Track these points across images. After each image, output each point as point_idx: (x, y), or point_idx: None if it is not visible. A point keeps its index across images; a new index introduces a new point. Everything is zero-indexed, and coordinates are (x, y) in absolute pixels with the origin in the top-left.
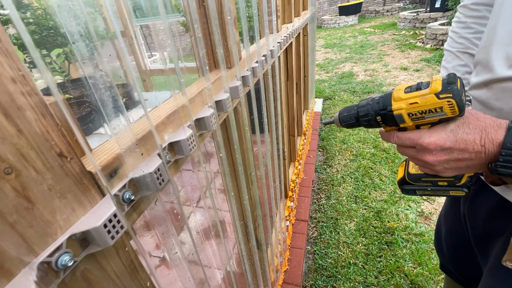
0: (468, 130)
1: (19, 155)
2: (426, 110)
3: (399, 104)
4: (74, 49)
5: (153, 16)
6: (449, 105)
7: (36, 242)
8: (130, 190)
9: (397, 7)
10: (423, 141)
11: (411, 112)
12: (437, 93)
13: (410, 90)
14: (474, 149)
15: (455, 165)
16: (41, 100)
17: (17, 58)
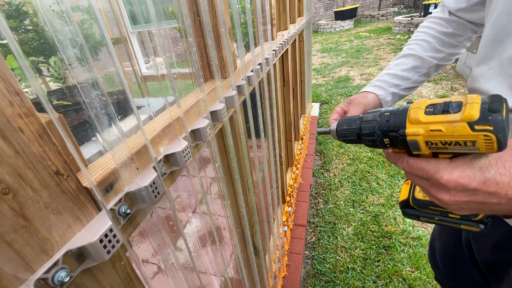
0: (503, 170)
1: (17, 175)
2: (452, 142)
3: (416, 128)
4: (64, 56)
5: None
6: (485, 140)
7: (33, 259)
8: (126, 204)
9: (392, 12)
10: (441, 177)
11: (430, 141)
12: (472, 122)
13: (434, 111)
14: (508, 195)
15: (475, 207)
16: (37, 120)
17: (14, 81)
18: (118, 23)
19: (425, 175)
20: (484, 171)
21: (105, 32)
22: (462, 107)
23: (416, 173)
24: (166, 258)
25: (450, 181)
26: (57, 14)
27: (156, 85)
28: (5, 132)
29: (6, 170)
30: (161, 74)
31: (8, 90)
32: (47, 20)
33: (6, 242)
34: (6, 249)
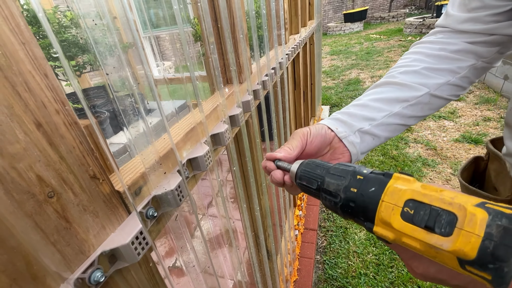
0: None
1: (60, 180)
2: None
3: (385, 232)
4: (99, 57)
5: (164, 27)
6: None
7: (72, 259)
8: (153, 207)
9: (403, 13)
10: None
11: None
12: (463, 259)
13: (413, 217)
14: None
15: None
16: (79, 128)
17: (60, 91)
18: (131, 28)
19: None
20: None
21: (134, 34)
22: (454, 230)
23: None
24: (187, 260)
25: (426, 274)
26: (96, 26)
27: (170, 87)
28: (52, 138)
29: (52, 174)
30: (173, 78)
31: (55, 99)
32: (89, 33)
33: (51, 242)
34: (51, 248)
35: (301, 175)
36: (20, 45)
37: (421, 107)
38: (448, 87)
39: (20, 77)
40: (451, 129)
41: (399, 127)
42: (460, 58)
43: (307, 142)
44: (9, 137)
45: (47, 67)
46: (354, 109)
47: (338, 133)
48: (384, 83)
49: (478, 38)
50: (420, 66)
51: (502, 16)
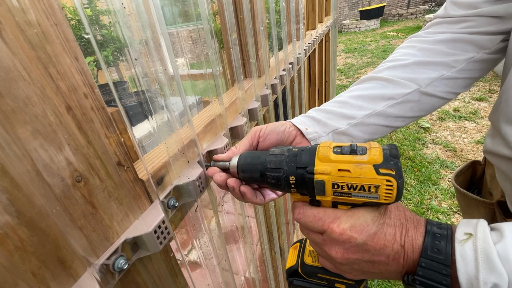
0: (389, 221)
1: (88, 164)
2: (357, 186)
3: (325, 166)
4: (127, 38)
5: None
6: (387, 187)
7: (98, 245)
8: (174, 197)
9: (422, 10)
10: (337, 226)
11: (337, 183)
12: (377, 165)
13: (341, 151)
14: (394, 249)
15: (366, 269)
16: (106, 114)
17: (90, 75)
18: (150, 25)
19: (320, 226)
20: (375, 221)
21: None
22: (367, 151)
23: (311, 225)
24: (206, 252)
25: (343, 233)
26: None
27: (185, 83)
28: (81, 123)
29: (80, 158)
30: (188, 74)
31: (84, 83)
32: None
33: (78, 227)
34: (78, 233)
35: (242, 169)
36: (53, 26)
37: (410, 106)
38: (442, 82)
39: (53, 58)
40: (472, 130)
41: (382, 128)
42: (455, 51)
43: (258, 139)
44: (41, 119)
45: (78, 49)
46: (333, 106)
47: (307, 134)
48: (368, 79)
49: (478, 26)
50: (410, 60)
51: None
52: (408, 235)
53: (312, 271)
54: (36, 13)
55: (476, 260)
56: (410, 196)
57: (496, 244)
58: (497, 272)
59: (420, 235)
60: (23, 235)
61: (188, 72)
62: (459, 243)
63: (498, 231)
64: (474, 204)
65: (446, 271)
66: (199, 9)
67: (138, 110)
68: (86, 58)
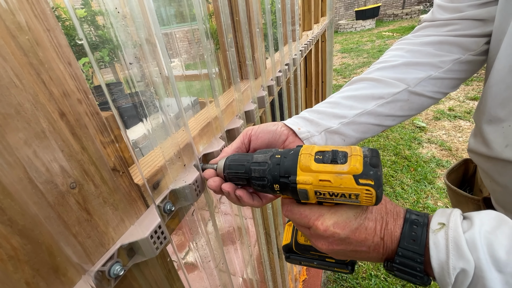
0: (370, 215)
1: (82, 171)
2: (339, 193)
3: (306, 176)
4: (122, 47)
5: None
6: (366, 195)
7: (93, 251)
8: (170, 201)
9: (417, 10)
10: (320, 224)
11: (319, 191)
12: (356, 175)
13: (323, 159)
14: (374, 241)
15: (350, 255)
16: (101, 119)
17: (83, 81)
18: (145, 28)
19: (306, 223)
20: (356, 217)
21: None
22: (348, 158)
23: (298, 221)
24: (203, 255)
25: (327, 230)
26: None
27: (181, 84)
28: (75, 128)
29: (74, 164)
30: (184, 75)
31: (77, 88)
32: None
33: (72, 234)
34: (72, 240)
35: (228, 174)
36: (45, 31)
37: (400, 105)
38: (429, 82)
39: (45, 64)
40: (467, 129)
41: (373, 127)
42: (442, 53)
43: (250, 139)
44: (34, 126)
45: (71, 55)
46: (324, 107)
47: (300, 134)
48: (359, 80)
49: (463, 29)
50: (399, 61)
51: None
52: (388, 228)
53: (305, 248)
54: (28, 18)
55: (447, 248)
56: (407, 195)
57: (465, 233)
58: (465, 259)
59: (398, 227)
60: (16, 243)
61: (183, 73)
62: (433, 232)
63: (469, 220)
64: (464, 200)
65: (420, 259)
66: (194, 10)
67: (134, 112)
68: (82, 59)
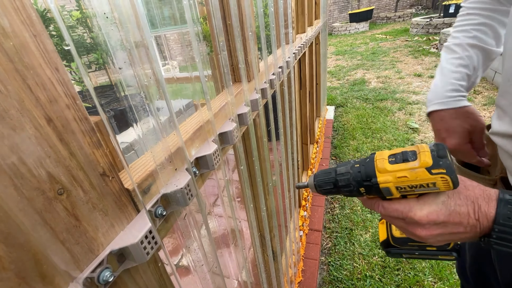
0: (460, 202)
1: (70, 176)
2: (417, 185)
3: (385, 177)
4: (111, 52)
5: (169, 26)
6: (443, 181)
7: (81, 258)
8: (162, 206)
9: (409, 13)
10: (414, 215)
11: (400, 186)
12: (428, 167)
13: (395, 160)
14: (469, 223)
15: (449, 238)
16: (89, 124)
17: (71, 86)
18: (135, 34)
19: (400, 215)
20: (446, 204)
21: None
22: (417, 155)
23: (392, 215)
24: (196, 259)
25: (422, 217)
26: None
27: (175, 86)
28: (62, 134)
29: (61, 170)
30: (179, 77)
31: (65, 94)
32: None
33: (60, 241)
34: (60, 247)
35: (319, 185)
36: (32, 37)
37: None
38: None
39: (31, 70)
40: None
41: None
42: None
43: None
44: (19, 132)
45: (58, 60)
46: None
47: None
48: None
49: None
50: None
51: None
52: (481, 210)
53: (402, 241)
54: (14, 24)
55: None
56: None
57: None
58: None
59: (492, 208)
60: (1, 252)
61: (174, 75)
62: None
63: None
64: (475, 181)
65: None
66: (185, 13)
67: (129, 114)
68: (73, 62)
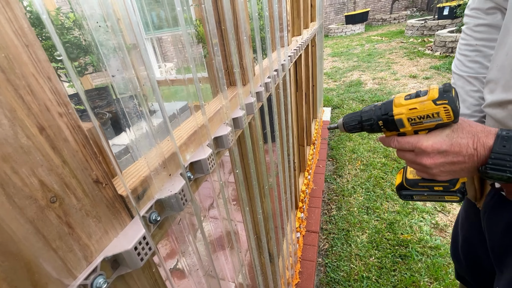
0: (462, 135)
1: (63, 184)
2: (424, 115)
3: (400, 109)
4: (104, 60)
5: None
6: (445, 111)
7: (75, 265)
8: (156, 211)
9: (404, 15)
10: (422, 144)
11: (410, 117)
12: (434, 99)
13: (410, 97)
14: (468, 152)
15: (450, 168)
16: (82, 131)
17: (64, 94)
18: (134, 29)
19: (410, 146)
20: (450, 136)
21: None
22: (428, 92)
23: (404, 147)
24: (191, 263)
25: (428, 146)
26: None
27: (172, 88)
28: (55, 142)
29: (54, 179)
30: (175, 79)
31: (58, 102)
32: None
33: (52, 249)
34: (53, 255)
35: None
36: (24, 47)
37: None
38: None
39: (23, 80)
40: None
41: None
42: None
43: None
44: (11, 142)
45: (51, 69)
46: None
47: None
48: None
49: None
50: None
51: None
52: (480, 141)
53: (414, 182)
54: (6, 35)
55: None
56: (396, 196)
57: None
58: None
59: (490, 139)
60: None
61: (165, 78)
62: None
63: None
64: None
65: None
66: (178, 16)
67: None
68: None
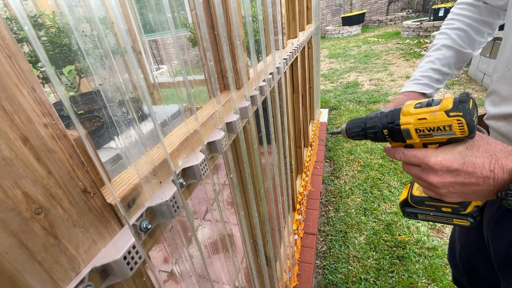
0: (477, 154)
1: (48, 195)
2: (434, 127)
3: (407, 118)
4: (90, 65)
5: (162, 31)
6: (458, 124)
7: (61, 277)
8: (147, 219)
9: (400, 17)
10: (429, 160)
11: (418, 128)
12: (447, 110)
13: (421, 106)
14: (482, 173)
15: (460, 190)
16: (68, 141)
17: (49, 105)
18: (131, 32)
19: (417, 161)
20: (463, 154)
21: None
22: (441, 102)
23: (410, 161)
24: (184, 270)
25: (436, 163)
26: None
27: (170, 91)
28: (39, 153)
29: (39, 190)
30: (170, 82)
31: (43, 113)
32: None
33: (37, 261)
34: (37, 268)
35: (349, 129)
36: (6, 58)
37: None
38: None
39: (4, 93)
40: None
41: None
42: (491, 21)
43: None
44: None
45: (34, 80)
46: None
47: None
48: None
49: None
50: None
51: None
52: (498, 162)
53: (420, 200)
54: None
55: None
56: (394, 198)
57: None
58: None
59: (510, 161)
60: None
61: (154, 81)
62: None
63: None
64: None
65: None
66: (167, 20)
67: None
68: (67, 66)
